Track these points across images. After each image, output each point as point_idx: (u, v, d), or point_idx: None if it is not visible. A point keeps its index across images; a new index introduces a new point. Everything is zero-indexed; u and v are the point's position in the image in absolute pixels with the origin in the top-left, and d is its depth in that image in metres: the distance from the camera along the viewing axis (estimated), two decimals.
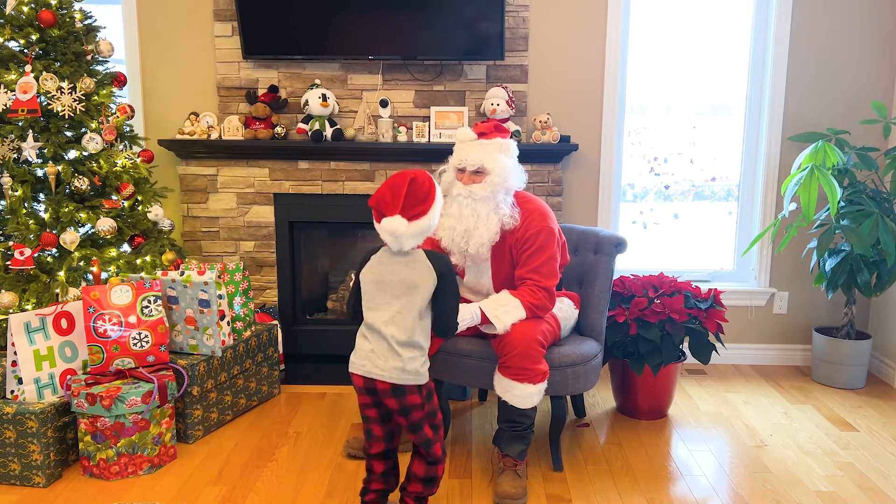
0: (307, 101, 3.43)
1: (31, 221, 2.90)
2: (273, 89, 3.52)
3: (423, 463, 2.17)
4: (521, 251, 2.54)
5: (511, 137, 2.66)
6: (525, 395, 2.41)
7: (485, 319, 2.46)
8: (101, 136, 2.99)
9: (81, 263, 2.95)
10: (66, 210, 2.92)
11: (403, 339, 2.06)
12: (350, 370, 2.13)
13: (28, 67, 2.89)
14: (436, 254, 2.13)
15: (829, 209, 3.31)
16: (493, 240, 2.53)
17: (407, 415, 2.11)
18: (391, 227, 2.02)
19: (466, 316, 2.43)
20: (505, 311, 2.46)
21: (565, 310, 2.70)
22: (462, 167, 2.55)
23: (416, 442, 2.17)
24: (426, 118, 3.57)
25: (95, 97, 3.04)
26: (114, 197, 3.06)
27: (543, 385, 2.43)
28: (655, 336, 2.90)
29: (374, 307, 2.11)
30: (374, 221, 2.08)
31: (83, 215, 2.96)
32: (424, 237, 2.10)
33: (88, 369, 2.69)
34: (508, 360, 2.41)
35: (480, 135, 2.57)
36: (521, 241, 2.53)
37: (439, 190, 2.10)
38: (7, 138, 2.89)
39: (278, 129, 3.47)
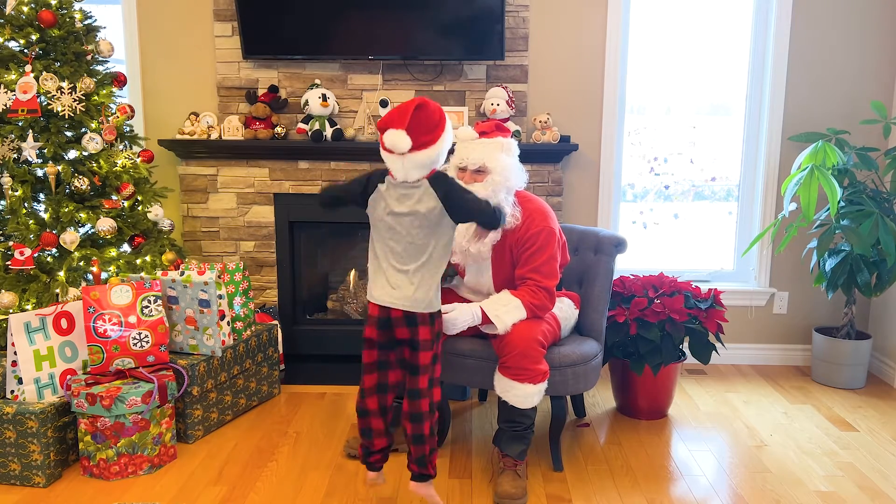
0: (307, 101, 3.43)
1: (31, 221, 2.90)
2: (273, 89, 3.52)
3: (408, 423, 2.18)
4: (522, 250, 2.53)
5: (511, 137, 2.66)
6: (525, 394, 2.41)
7: (485, 319, 2.46)
8: (101, 136, 2.99)
9: (81, 263, 2.95)
10: (66, 210, 2.92)
11: (418, 270, 2.08)
12: (368, 299, 2.18)
13: (28, 67, 2.89)
14: (435, 177, 2.09)
15: (829, 209, 3.30)
16: (495, 239, 2.53)
17: (415, 349, 2.13)
18: (394, 140, 1.98)
19: (467, 316, 2.43)
20: (506, 311, 2.46)
21: (565, 310, 2.70)
22: (463, 166, 2.54)
23: (409, 387, 2.17)
24: None
25: (95, 97, 3.04)
26: (114, 197, 3.06)
27: (543, 385, 2.43)
28: (655, 336, 2.90)
29: (388, 252, 2.11)
30: (380, 145, 2.06)
31: (83, 215, 2.96)
32: (430, 169, 2.07)
33: (88, 369, 2.69)
34: (508, 359, 2.41)
35: (482, 134, 2.57)
36: (522, 240, 2.53)
37: (450, 125, 2.08)
38: (7, 138, 2.89)
39: (278, 129, 3.47)
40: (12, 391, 2.57)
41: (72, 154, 3.01)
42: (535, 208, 2.57)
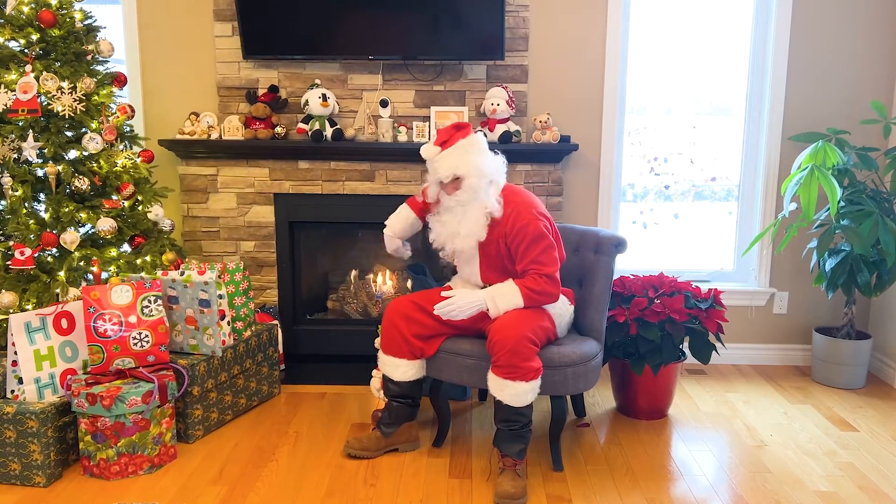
0: (307, 101, 3.43)
1: (31, 221, 2.90)
2: (273, 89, 3.52)
3: None
4: (515, 245, 2.57)
5: (473, 132, 2.66)
6: (518, 392, 2.41)
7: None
8: (101, 136, 2.99)
9: (81, 263, 2.95)
10: (67, 210, 2.92)
11: None
12: None
13: (28, 67, 2.89)
14: None
15: (829, 209, 3.31)
16: (480, 235, 2.60)
17: None
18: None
19: (473, 298, 2.50)
20: (502, 295, 2.52)
21: (559, 306, 2.69)
22: (440, 180, 2.61)
23: None
24: (426, 118, 3.57)
25: (95, 97, 3.04)
26: (114, 197, 3.06)
27: (537, 382, 2.43)
28: (655, 336, 2.90)
29: None
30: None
31: (83, 215, 2.96)
32: None
33: (89, 369, 2.69)
34: (499, 358, 2.42)
35: (443, 144, 2.61)
36: (512, 234, 2.57)
37: None
38: (7, 138, 2.89)
39: (278, 129, 3.47)
40: (12, 391, 2.57)
41: (72, 154, 3.01)
42: (521, 201, 2.61)
